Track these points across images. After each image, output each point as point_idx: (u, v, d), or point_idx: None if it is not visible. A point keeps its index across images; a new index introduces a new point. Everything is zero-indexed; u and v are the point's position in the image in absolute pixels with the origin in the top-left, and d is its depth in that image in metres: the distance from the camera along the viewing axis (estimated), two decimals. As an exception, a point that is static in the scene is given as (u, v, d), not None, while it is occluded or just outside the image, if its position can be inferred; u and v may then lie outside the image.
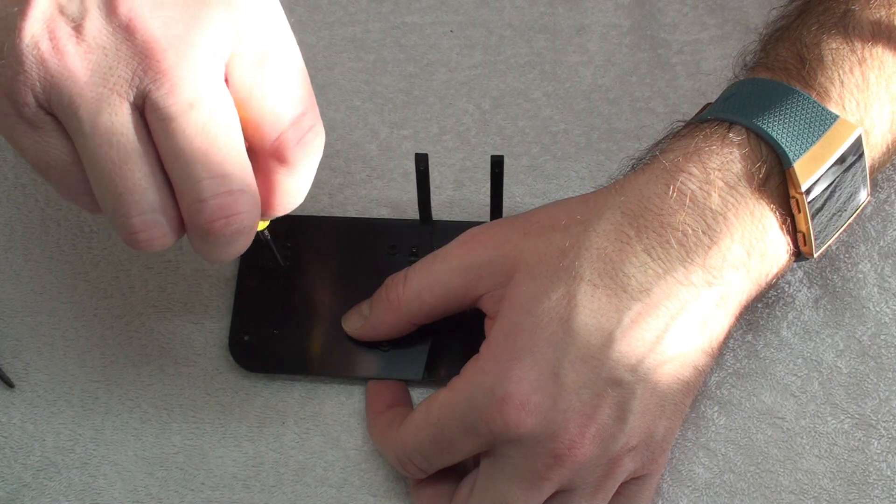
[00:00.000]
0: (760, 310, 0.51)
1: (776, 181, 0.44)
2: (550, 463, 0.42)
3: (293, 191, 0.41)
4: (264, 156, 0.40)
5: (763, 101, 0.45)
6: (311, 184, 0.42)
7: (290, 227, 0.53)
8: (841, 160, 0.44)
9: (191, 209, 0.38)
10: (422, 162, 0.49)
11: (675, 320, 0.43)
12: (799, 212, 0.44)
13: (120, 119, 0.36)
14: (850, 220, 0.47)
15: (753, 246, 0.44)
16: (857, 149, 0.45)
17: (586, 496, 0.44)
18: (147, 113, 0.37)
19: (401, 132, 0.57)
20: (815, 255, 0.45)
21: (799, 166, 0.43)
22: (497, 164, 0.48)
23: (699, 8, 0.59)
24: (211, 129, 0.37)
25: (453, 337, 0.50)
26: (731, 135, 0.45)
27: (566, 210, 0.46)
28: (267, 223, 0.46)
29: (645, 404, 0.43)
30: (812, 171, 0.43)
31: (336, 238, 0.53)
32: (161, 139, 0.37)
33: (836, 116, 0.44)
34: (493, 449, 0.44)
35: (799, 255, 0.46)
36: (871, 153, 0.46)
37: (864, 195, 0.46)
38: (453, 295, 0.46)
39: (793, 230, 0.45)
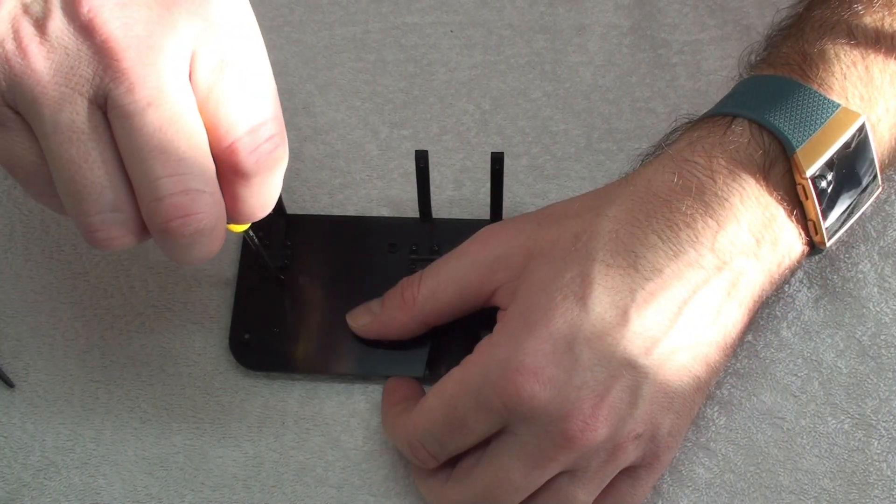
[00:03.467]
0: (760, 309, 0.51)
1: (781, 170, 0.44)
2: (560, 444, 0.42)
3: (252, 202, 0.41)
4: (221, 162, 0.40)
5: (764, 95, 0.45)
6: (274, 196, 0.42)
7: (289, 226, 0.53)
8: (846, 147, 0.44)
9: (148, 208, 0.38)
10: (422, 159, 0.49)
11: (687, 304, 0.43)
12: (807, 198, 0.44)
13: (81, 117, 0.37)
14: (861, 211, 0.47)
15: (762, 234, 0.44)
16: (862, 137, 0.45)
17: (585, 480, 0.44)
18: (108, 112, 0.37)
19: (401, 132, 0.57)
20: (828, 245, 0.46)
21: (802, 153, 0.44)
22: (497, 161, 0.48)
23: (699, 8, 0.59)
24: (169, 128, 0.37)
25: (455, 335, 0.50)
26: (733, 126, 0.45)
27: (578, 201, 0.47)
28: (248, 225, 0.45)
29: (655, 392, 0.43)
30: (816, 157, 0.44)
31: (336, 236, 0.53)
32: (120, 137, 0.37)
33: (839, 105, 0.45)
34: (505, 428, 0.44)
35: (813, 247, 0.46)
36: (880, 147, 0.46)
37: (874, 185, 0.47)
38: (468, 291, 0.47)
39: (803, 219, 0.45)
